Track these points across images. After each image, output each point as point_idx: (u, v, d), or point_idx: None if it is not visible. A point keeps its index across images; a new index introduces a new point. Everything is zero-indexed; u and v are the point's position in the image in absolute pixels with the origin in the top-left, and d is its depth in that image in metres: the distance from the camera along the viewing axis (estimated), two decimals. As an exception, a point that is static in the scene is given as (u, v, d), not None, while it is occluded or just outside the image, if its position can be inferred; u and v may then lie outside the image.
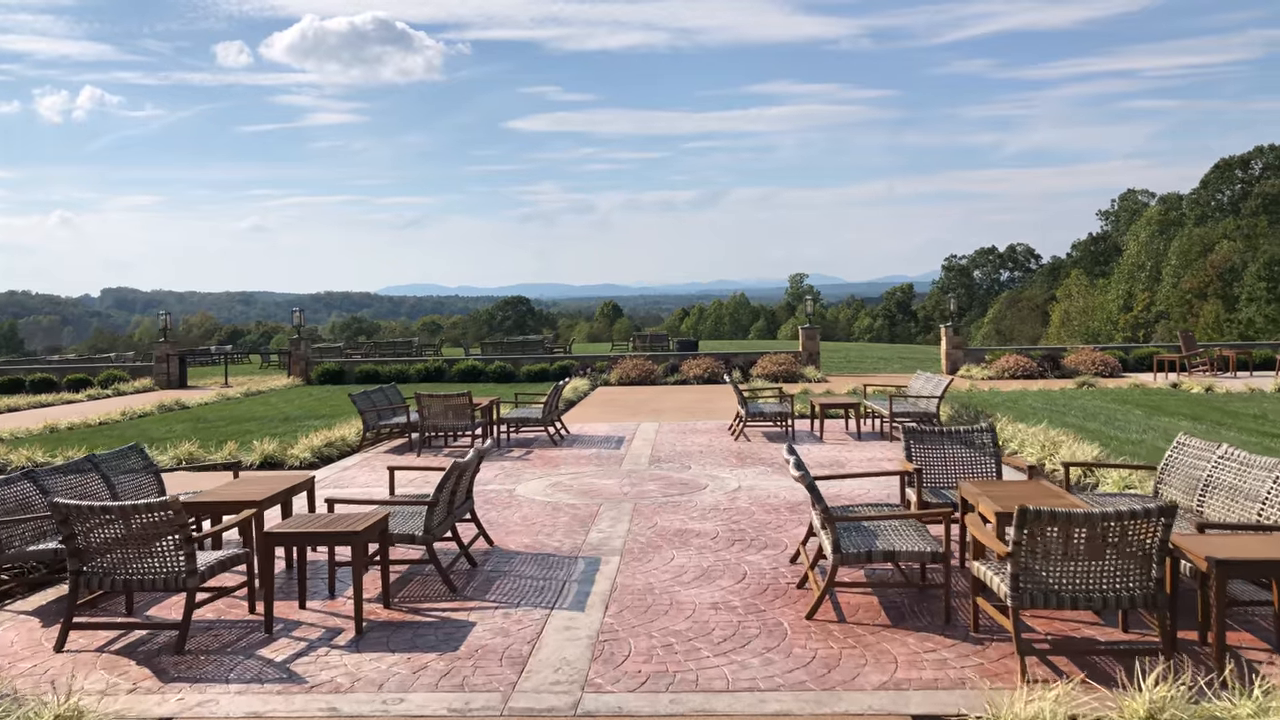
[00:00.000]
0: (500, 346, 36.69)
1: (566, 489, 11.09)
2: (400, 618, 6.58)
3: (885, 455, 13.10)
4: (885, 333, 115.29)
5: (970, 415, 15.22)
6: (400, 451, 14.51)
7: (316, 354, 36.96)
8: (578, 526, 9.15)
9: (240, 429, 17.46)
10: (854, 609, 6.53)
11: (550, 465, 12.88)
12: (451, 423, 14.19)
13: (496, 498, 10.67)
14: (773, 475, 11.69)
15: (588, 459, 13.31)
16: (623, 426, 16.90)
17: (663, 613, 6.53)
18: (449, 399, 14.22)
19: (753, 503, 10.08)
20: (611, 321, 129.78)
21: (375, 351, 43.25)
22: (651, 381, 26.77)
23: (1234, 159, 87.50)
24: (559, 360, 29.06)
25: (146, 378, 29.57)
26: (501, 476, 12.07)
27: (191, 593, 6.13)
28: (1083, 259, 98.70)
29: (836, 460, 12.76)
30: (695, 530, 8.87)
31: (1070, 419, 16.11)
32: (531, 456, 13.70)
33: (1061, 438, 12.32)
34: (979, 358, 28.76)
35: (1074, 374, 26.05)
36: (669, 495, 10.55)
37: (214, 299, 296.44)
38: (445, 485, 7.15)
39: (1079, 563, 5.27)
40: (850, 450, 13.64)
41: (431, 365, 28.84)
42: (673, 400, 21.64)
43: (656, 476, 11.75)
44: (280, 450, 13.63)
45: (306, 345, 30.20)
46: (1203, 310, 71.54)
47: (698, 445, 14.34)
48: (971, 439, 8.44)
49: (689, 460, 12.99)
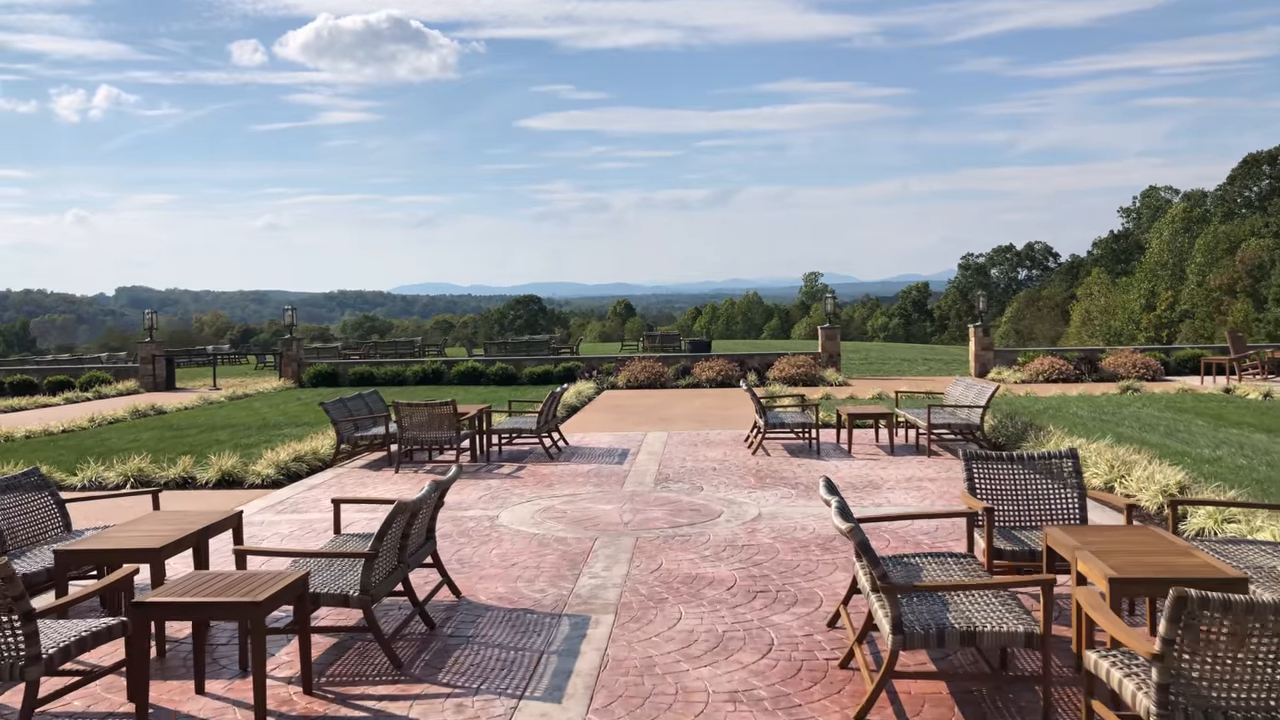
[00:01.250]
0: (504, 347, 35.14)
1: (558, 516, 9.52)
2: (322, 709, 5.03)
3: (926, 474, 11.48)
4: (901, 332, 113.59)
5: (1016, 427, 13.58)
6: (378, 466, 12.98)
7: (312, 354, 35.53)
8: (566, 569, 7.58)
9: (210, 438, 15.97)
10: (916, 704, 4.95)
11: (543, 485, 11.32)
12: (434, 435, 12.64)
13: (475, 528, 9.11)
14: (797, 500, 10.09)
15: (586, 477, 11.75)
16: (628, 437, 15.33)
17: (665, 707, 4.95)
18: (431, 408, 12.68)
19: (776, 536, 8.49)
20: (624, 320, 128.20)
21: (375, 352, 41.81)
22: (661, 385, 25.18)
23: (1261, 154, 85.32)
24: (564, 361, 27.51)
25: (132, 380, 28.17)
26: (486, 499, 10.51)
27: (33, 684, 4.59)
28: (1104, 257, 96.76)
29: (870, 480, 11.15)
30: (708, 576, 7.29)
31: (1125, 430, 14.45)
32: (523, 474, 12.14)
33: (1132, 456, 10.67)
34: (1010, 359, 27.05)
35: (1113, 377, 24.35)
36: (677, 526, 8.97)
37: (228, 298, 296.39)
38: (388, 532, 5.59)
39: (1262, 671, 3.68)
40: (884, 467, 12.02)
41: (429, 367, 27.31)
42: (683, 406, 20.06)
43: (663, 500, 10.17)
44: (240, 467, 12.11)
45: (298, 346, 28.74)
46: (1231, 309, 69.54)
47: (711, 460, 12.76)
48: (1049, 467, 6.83)
49: (701, 479, 11.40)
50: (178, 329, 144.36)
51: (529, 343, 37.55)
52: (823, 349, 27.31)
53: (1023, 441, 12.76)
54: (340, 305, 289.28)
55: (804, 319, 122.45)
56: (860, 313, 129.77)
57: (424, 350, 44.60)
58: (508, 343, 36.63)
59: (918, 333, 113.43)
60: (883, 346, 51.48)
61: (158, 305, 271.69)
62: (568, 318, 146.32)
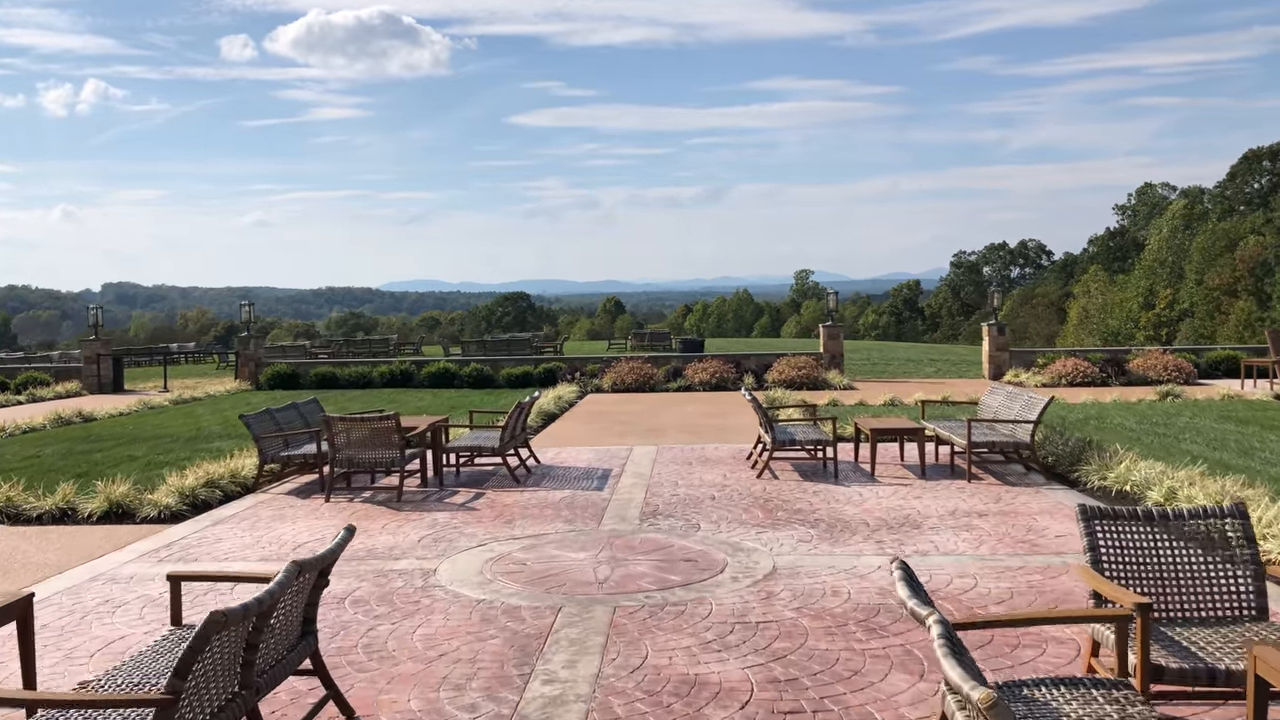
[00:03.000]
0: (483, 346, 32.86)
1: (514, 571, 7.37)
2: None
3: (971, 506, 9.37)
4: (892, 330, 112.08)
5: (1067, 445, 11.43)
6: (307, 493, 10.79)
7: (276, 353, 33.28)
8: (513, 664, 5.43)
9: (123, 453, 13.75)
10: None
11: (501, 520, 9.16)
12: (374, 455, 10.46)
13: (403, 589, 6.95)
14: (819, 544, 7.97)
15: (556, 509, 9.60)
16: (610, 453, 13.18)
17: None
18: (370, 422, 10.49)
19: (800, 606, 6.36)
20: (614, 318, 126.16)
21: (348, 350, 39.55)
22: (651, 388, 23.03)
23: (1262, 150, 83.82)
24: (544, 362, 25.30)
25: (74, 381, 25.87)
26: (427, 542, 8.35)
27: None
28: (1100, 255, 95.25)
29: (905, 516, 9.02)
30: (712, 680, 5.15)
31: (1192, 446, 12.38)
32: (480, 504, 9.98)
33: (1243, 491, 8.56)
34: (1028, 361, 24.99)
35: (1142, 380, 22.31)
36: (667, 587, 6.83)
37: (216, 294, 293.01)
38: (196, 663, 3.42)
39: None
40: (918, 496, 9.89)
41: (398, 368, 25.06)
42: (675, 414, 17.91)
43: (649, 546, 8.03)
44: (135, 496, 9.90)
45: (257, 344, 26.47)
46: (1233, 308, 67.91)
47: (708, 485, 10.62)
48: (1205, 531, 4.73)
49: (697, 512, 9.26)
50: (162, 325, 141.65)
51: (509, 341, 35.25)
52: (825, 349, 25.20)
53: (1081, 464, 10.65)
54: (329, 302, 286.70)
55: (794, 317, 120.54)
56: (851, 311, 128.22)
57: (399, 349, 42.35)
58: (486, 341, 34.34)
59: (909, 331, 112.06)
60: (883, 346, 49.44)
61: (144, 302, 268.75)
62: (557, 315, 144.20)
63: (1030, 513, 9.05)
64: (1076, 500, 9.48)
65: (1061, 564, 7.28)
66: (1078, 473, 10.47)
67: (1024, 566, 7.23)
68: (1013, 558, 7.50)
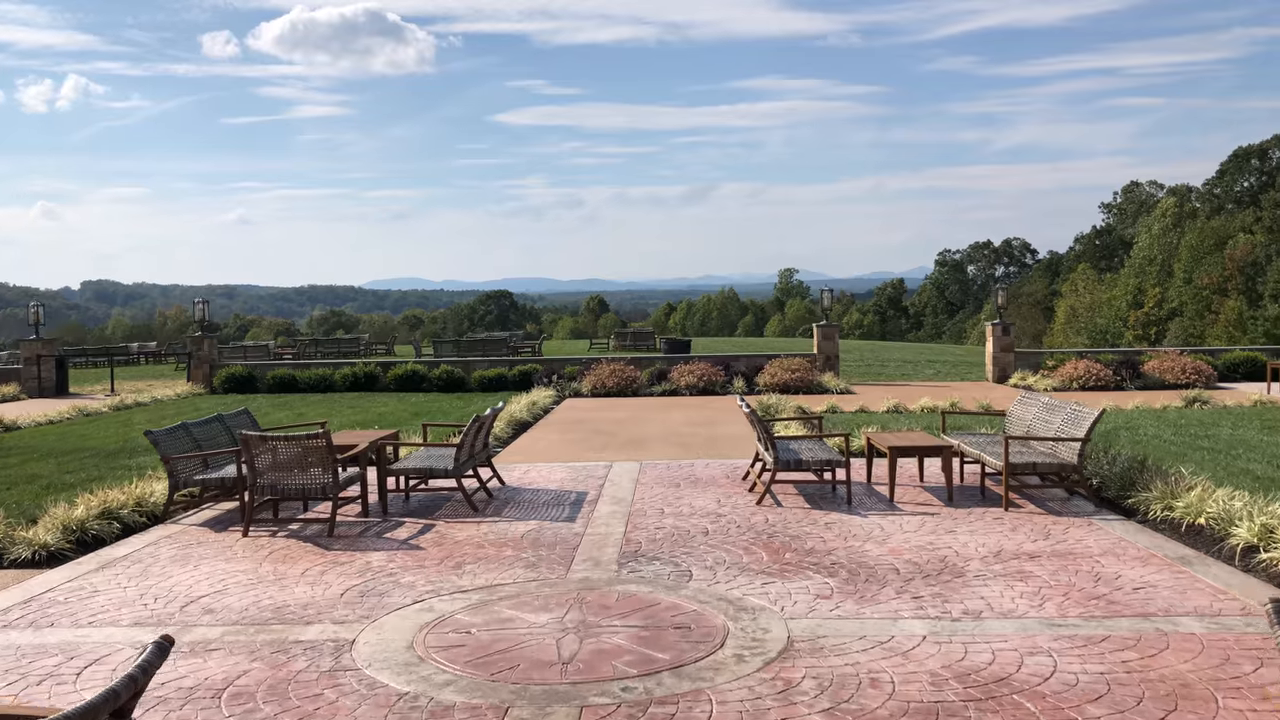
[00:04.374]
0: (456, 345, 31.06)
1: (454, 644, 5.72)
2: None
3: (1019, 545, 7.77)
4: (876, 329, 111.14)
5: (1114, 465, 9.83)
6: (224, 524, 9.09)
7: (237, 353, 31.45)
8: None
9: (26, 472, 11.98)
10: None
11: (449, 564, 7.50)
12: (302, 480, 8.77)
13: (302, 677, 5.28)
14: (844, 603, 6.35)
15: (517, 547, 7.95)
16: (586, 471, 11.53)
17: None
18: (297, 441, 8.80)
19: (832, 707, 4.73)
20: (597, 317, 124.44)
21: (316, 351, 37.73)
22: (634, 392, 21.39)
23: (1251, 148, 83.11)
24: (519, 364, 23.59)
25: (13, 383, 24.00)
26: (353, 597, 6.69)
27: None
28: (1086, 253, 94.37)
29: (942, 559, 7.41)
30: None
31: (1250, 465, 10.84)
32: (426, 540, 8.31)
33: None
34: (1034, 363, 23.50)
35: (1159, 384, 20.85)
36: (651, 675, 5.18)
37: (197, 292, 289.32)
38: None
39: None
40: (951, 530, 8.29)
41: (361, 370, 23.28)
42: (660, 422, 16.29)
43: (630, 606, 6.38)
44: (4, 532, 8.19)
45: (210, 344, 24.66)
46: (1224, 307, 66.96)
47: (700, 514, 9.00)
48: None
49: (688, 553, 7.64)
50: (141, 324, 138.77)
51: (485, 341, 33.43)
52: (818, 350, 23.62)
53: (1135, 489, 9.07)
54: (311, 300, 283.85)
55: (778, 316, 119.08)
56: (837, 309, 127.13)
57: (370, 349, 40.54)
58: (460, 341, 32.52)
59: (893, 330, 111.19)
60: (876, 346, 47.94)
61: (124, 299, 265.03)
62: (540, 314, 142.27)
63: (1091, 554, 7.46)
64: (1142, 535, 7.90)
65: (1155, 631, 5.70)
66: (1133, 499, 8.90)
67: (1109, 637, 5.64)
68: (1089, 623, 5.90)
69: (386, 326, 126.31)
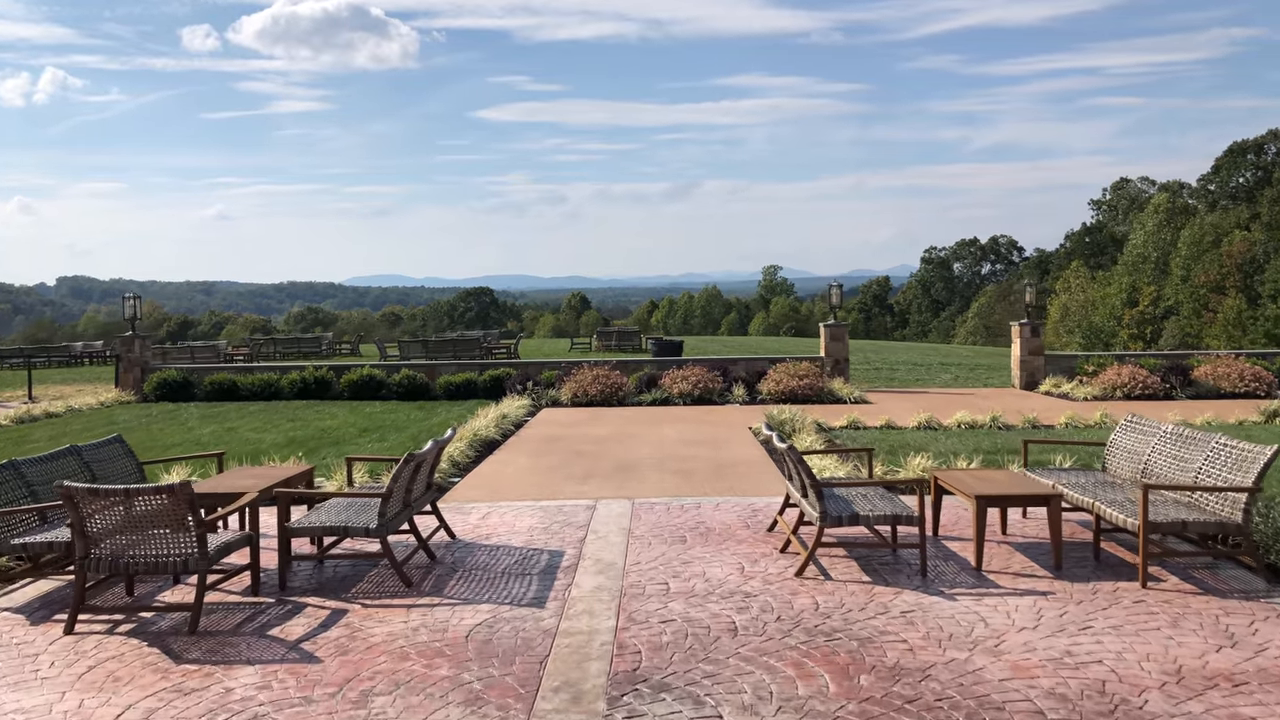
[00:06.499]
0: (425, 346, 28.34)
1: None
2: None
3: (1204, 657, 5.24)
4: (861, 327, 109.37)
5: (1276, 525, 7.34)
6: (54, 609, 6.45)
7: (184, 354, 28.65)
8: None
9: None
10: None
11: (348, 698, 4.88)
12: (153, 550, 6.13)
13: None
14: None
15: (456, 660, 5.35)
16: (564, 515, 8.94)
17: None
18: (137, 496, 6.14)
19: None
20: (579, 314, 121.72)
21: (275, 351, 34.93)
22: (620, 400, 18.81)
23: (1247, 143, 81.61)
24: (490, 369, 20.94)
25: (-84, 390, 21.18)
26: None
27: None
28: (1076, 250, 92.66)
29: (1103, 688, 4.86)
30: None
31: None
32: (328, 645, 5.69)
33: None
34: (1067, 367, 21.07)
35: (1214, 392, 18.49)
36: None
37: (174, 288, 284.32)
38: None
39: None
40: (1090, 627, 5.76)
41: (311, 376, 20.53)
42: (653, 440, 13.71)
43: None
44: None
45: (142, 345, 21.88)
46: (1222, 305, 65.15)
47: (720, 594, 6.43)
48: None
49: (711, 676, 5.07)
50: (115, 320, 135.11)
51: (456, 341, 30.66)
52: (827, 352, 21.10)
53: (1317, 553, 6.57)
54: (290, 296, 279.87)
55: (762, 313, 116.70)
56: (821, 307, 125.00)
57: (334, 348, 37.75)
58: (429, 341, 29.77)
59: (878, 328, 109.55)
60: (879, 346, 45.49)
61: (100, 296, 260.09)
62: (521, 311, 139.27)
63: (1322, 677, 4.95)
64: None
65: None
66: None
67: None
68: None
69: (366, 323, 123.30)
